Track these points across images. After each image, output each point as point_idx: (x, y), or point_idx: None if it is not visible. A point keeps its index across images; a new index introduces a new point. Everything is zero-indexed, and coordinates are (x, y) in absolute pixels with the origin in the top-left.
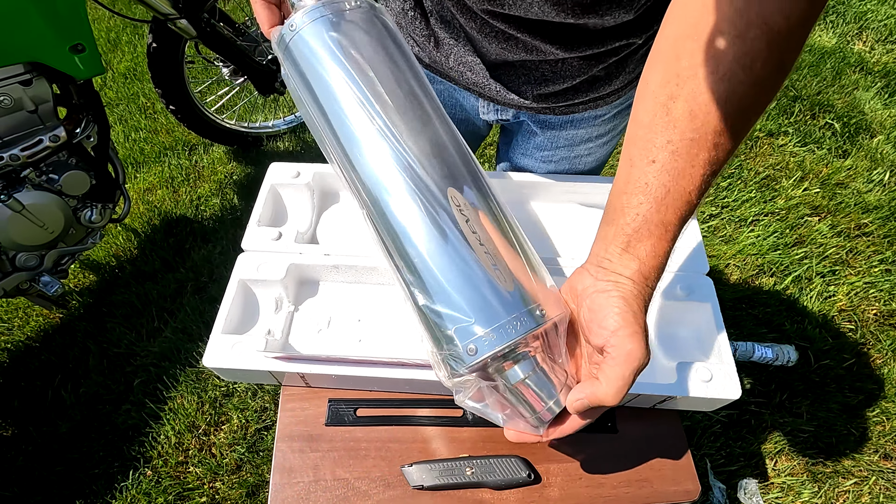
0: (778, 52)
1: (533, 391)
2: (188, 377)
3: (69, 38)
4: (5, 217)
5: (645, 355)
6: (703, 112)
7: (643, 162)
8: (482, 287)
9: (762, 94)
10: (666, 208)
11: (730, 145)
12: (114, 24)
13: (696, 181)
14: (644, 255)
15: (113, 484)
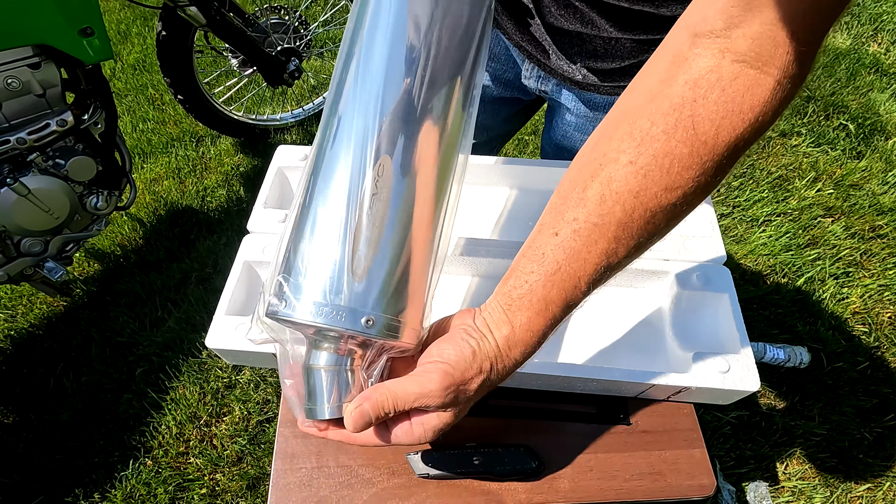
0: (699, 163)
1: (322, 385)
2: (191, 367)
3: (78, 21)
4: (11, 201)
5: (440, 405)
6: (611, 200)
7: (548, 231)
8: (334, 263)
9: (676, 199)
10: (552, 285)
11: (630, 243)
12: (124, 16)
13: (588, 268)
14: (518, 324)
15: (113, 473)
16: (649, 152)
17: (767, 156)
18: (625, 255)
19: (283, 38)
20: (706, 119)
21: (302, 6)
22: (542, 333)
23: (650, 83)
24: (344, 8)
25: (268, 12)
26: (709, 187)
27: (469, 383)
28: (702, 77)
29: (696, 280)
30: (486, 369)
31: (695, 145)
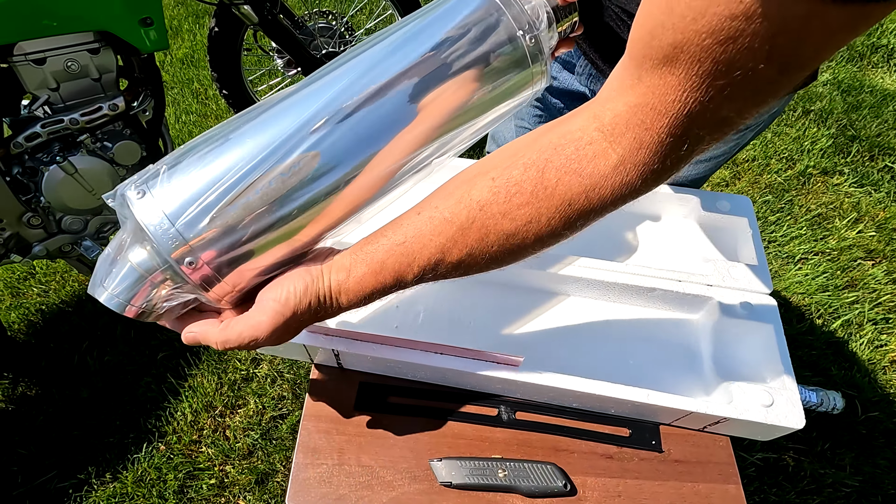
0: (535, 205)
1: (122, 274)
2: (210, 357)
3: (140, 11)
4: (58, 178)
5: (266, 337)
6: (464, 204)
7: (417, 208)
8: (207, 200)
9: (509, 229)
10: (392, 254)
11: (462, 251)
12: (176, 13)
13: (424, 254)
14: (353, 275)
15: (126, 455)
16: (506, 176)
17: (807, 192)
18: (455, 260)
19: (328, 42)
20: (554, 168)
21: (349, 13)
22: (370, 293)
23: (551, 123)
24: (388, 18)
25: (316, 16)
26: (540, 236)
27: (297, 318)
28: (571, 132)
29: (741, 309)
30: (312, 307)
31: (537, 187)
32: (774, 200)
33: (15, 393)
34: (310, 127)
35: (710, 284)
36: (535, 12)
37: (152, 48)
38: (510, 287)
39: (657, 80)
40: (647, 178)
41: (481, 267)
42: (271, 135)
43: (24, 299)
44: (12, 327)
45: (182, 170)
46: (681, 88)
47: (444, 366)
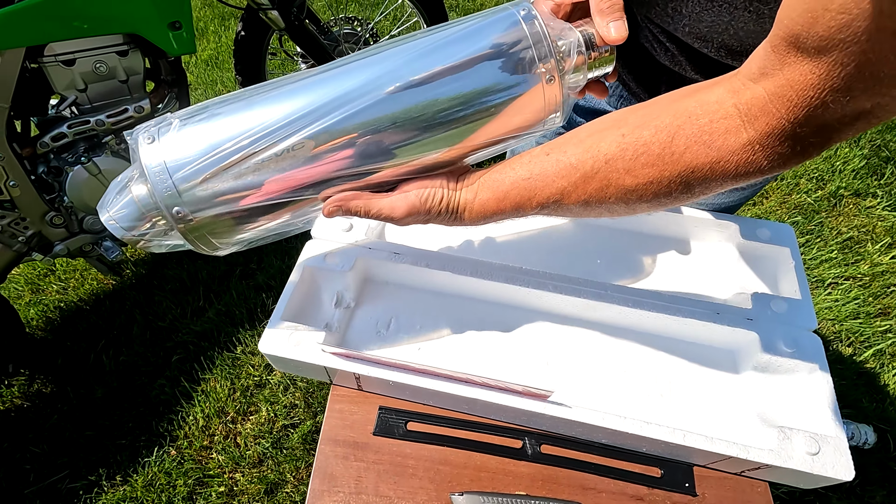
0: (659, 168)
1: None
2: (224, 361)
3: (169, 14)
4: (82, 179)
5: (398, 219)
6: (591, 153)
7: (547, 149)
8: (210, 159)
9: (630, 185)
10: (515, 186)
11: (581, 197)
12: (203, 14)
13: (544, 192)
14: (479, 198)
15: (137, 458)
16: (636, 135)
17: (838, 215)
18: (572, 203)
19: (353, 48)
20: (685, 135)
21: (375, 19)
22: (490, 215)
23: (689, 88)
24: (414, 25)
25: (341, 22)
26: (658, 196)
27: (427, 215)
28: (708, 103)
29: (783, 345)
30: (443, 213)
31: (665, 151)
32: (804, 222)
33: (31, 390)
34: (323, 112)
35: (750, 318)
36: (566, 51)
37: (180, 52)
38: (539, 312)
39: (798, 73)
40: (775, 161)
41: (594, 213)
42: (284, 110)
43: (44, 296)
44: (31, 324)
45: (193, 124)
46: (821, 84)
47: (468, 395)
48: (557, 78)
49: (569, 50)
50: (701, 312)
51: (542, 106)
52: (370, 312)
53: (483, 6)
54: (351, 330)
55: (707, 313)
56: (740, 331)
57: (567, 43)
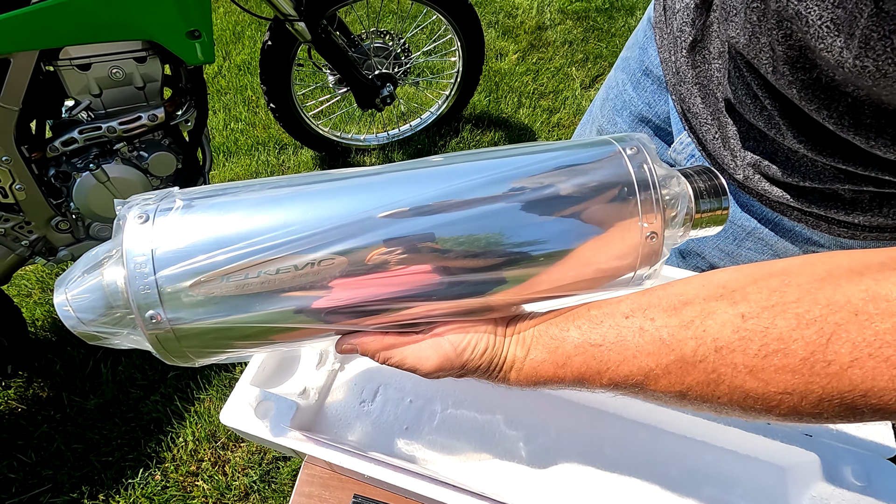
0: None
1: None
2: (221, 382)
3: (189, 23)
4: (90, 186)
5: (426, 372)
6: (693, 332)
7: (626, 309)
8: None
9: (750, 389)
10: (582, 353)
11: (675, 388)
12: (241, 19)
13: (622, 369)
14: (531, 357)
15: (121, 478)
16: (766, 322)
17: None
18: (661, 390)
19: (382, 62)
20: (849, 342)
21: (408, 34)
22: (542, 381)
23: (841, 260)
24: (450, 41)
25: (373, 36)
26: (799, 412)
27: (461, 370)
28: (888, 299)
29: (851, 475)
30: (482, 369)
31: (815, 357)
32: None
33: (27, 394)
34: (365, 225)
35: (809, 434)
36: (672, 202)
37: (198, 61)
38: (555, 399)
39: None
40: None
41: (695, 408)
42: (319, 212)
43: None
44: (36, 324)
45: (200, 210)
46: None
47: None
48: (661, 234)
49: (675, 202)
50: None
51: (633, 262)
52: (356, 378)
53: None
54: (331, 398)
55: (755, 423)
56: (795, 449)
57: (673, 194)
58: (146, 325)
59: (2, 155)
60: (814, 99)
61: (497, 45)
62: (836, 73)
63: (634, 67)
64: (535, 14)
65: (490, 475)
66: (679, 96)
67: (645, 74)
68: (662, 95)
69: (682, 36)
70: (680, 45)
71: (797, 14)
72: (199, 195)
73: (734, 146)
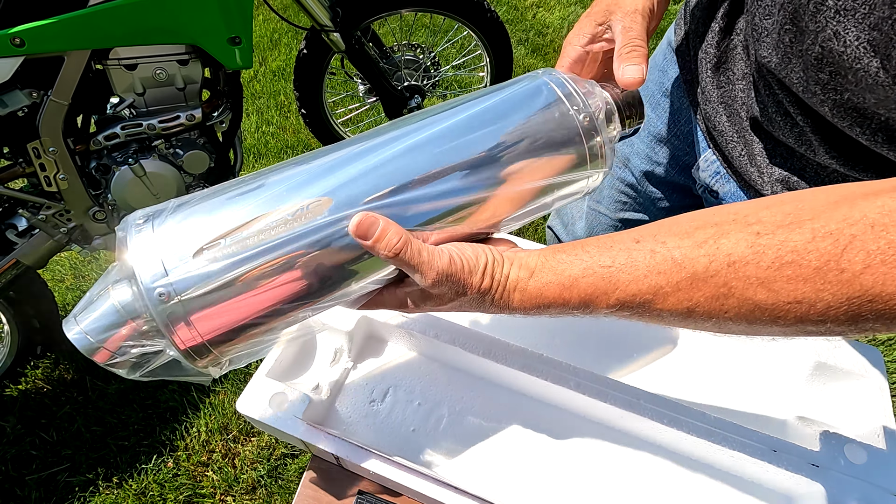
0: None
1: (97, 305)
2: (237, 375)
3: (231, 30)
4: (127, 179)
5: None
6: (706, 250)
7: (637, 235)
8: (204, 238)
9: (762, 301)
10: (589, 274)
11: (684, 304)
12: (279, 27)
13: (631, 288)
14: (537, 280)
15: (135, 463)
16: (781, 237)
17: None
18: (667, 308)
19: (412, 74)
20: (863, 251)
21: (438, 48)
22: (547, 305)
23: (853, 188)
24: (479, 56)
25: (404, 48)
26: (804, 321)
27: (463, 284)
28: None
29: None
30: (484, 287)
31: (828, 266)
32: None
33: (53, 375)
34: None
35: (816, 465)
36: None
37: (238, 66)
38: (556, 408)
39: None
40: None
41: (693, 326)
42: (286, 189)
43: (84, 282)
44: (66, 308)
45: (194, 204)
46: None
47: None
48: (594, 118)
49: (599, 105)
50: (753, 447)
51: (581, 144)
52: (367, 377)
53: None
54: (342, 395)
55: (761, 449)
56: (802, 479)
57: (595, 100)
58: (155, 305)
59: (49, 146)
60: (846, 116)
61: (526, 62)
62: (867, 96)
63: (654, 90)
64: (565, 33)
65: (493, 481)
66: (704, 115)
67: (664, 96)
68: (683, 115)
69: (706, 58)
70: (705, 67)
71: (835, 34)
72: (191, 198)
73: (761, 163)
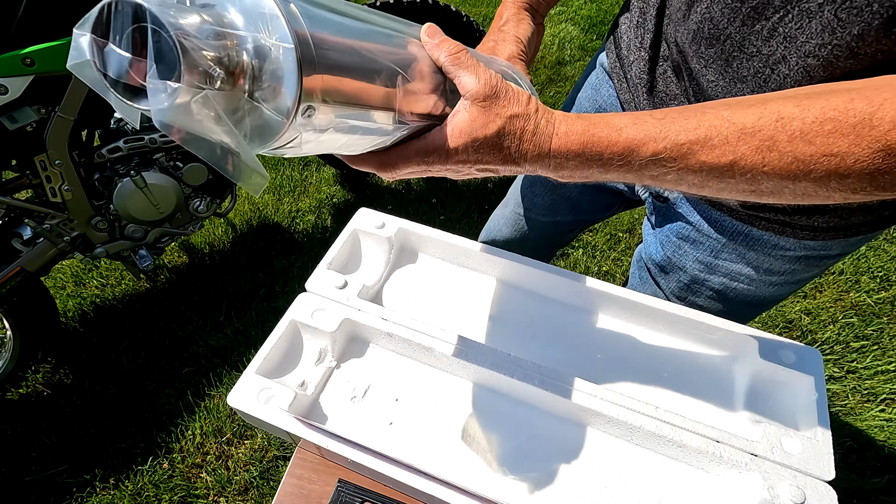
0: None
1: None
2: (232, 380)
3: None
4: (129, 190)
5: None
6: (755, 110)
7: (685, 107)
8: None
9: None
10: (638, 122)
11: (719, 157)
12: None
13: (670, 138)
14: (587, 121)
15: (132, 464)
16: (824, 99)
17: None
18: (710, 161)
19: None
20: (893, 109)
21: None
22: (589, 147)
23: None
24: None
25: None
26: (831, 174)
27: (510, 100)
28: None
29: (790, 496)
30: (531, 109)
31: (863, 122)
32: (860, 325)
33: (53, 379)
34: None
35: (755, 454)
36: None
37: None
38: (521, 403)
39: None
40: None
41: (728, 183)
42: None
43: (84, 290)
44: (67, 314)
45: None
46: None
47: (426, 491)
48: None
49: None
50: (697, 437)
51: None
52: (349, 375)
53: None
54: (326, 391)
55: (705, 440)
56: (740, 465)
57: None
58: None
59: (55, 159)
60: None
61: None
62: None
63: (587, 106)
64: (555, 50)
65: (462, 468)
66: None
67: (599, 112)
68: None
69: (640, 83)
70: (640, 90)
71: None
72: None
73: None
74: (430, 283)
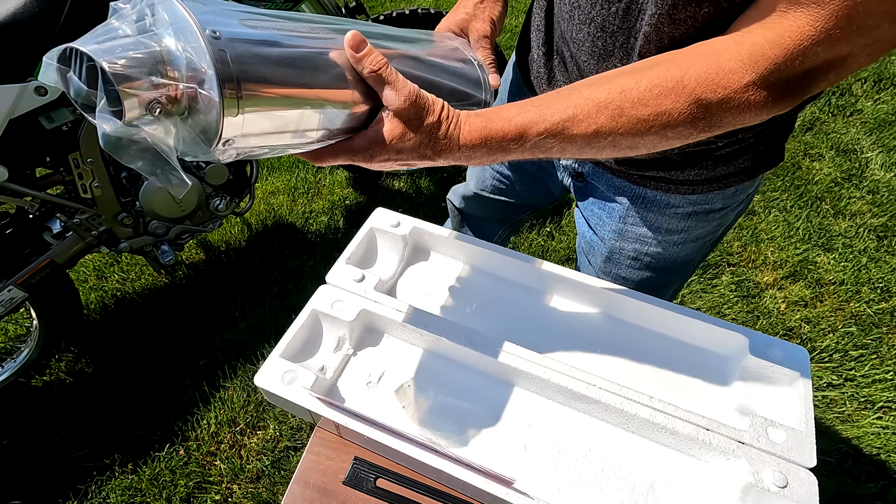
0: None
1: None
2: (245, 373)
3: None
4: (154, 188)
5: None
6: (604, 87)
7: (552, 92)
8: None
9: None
10: (521, 112)
11: (587, 129)
12: None
13: (549, 119)
14: (484, 116)
15: (149, 450)
16: (650, 72)
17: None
18: (580, 132)
19: None
20: (695, 73)
21: None
22: (490, 137)
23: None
24: None
25: None
26: (666, 129)
27: (427, 110)
28: (714, 47)
29: (772, 481)
30: (443, 116)
31: (677, 85)
32: (859, 334)
33: (75, 368)
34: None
35: (742, 442)
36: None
37: None
38: (527, 392)
39: (796, 23)
40: (768, 103)
41: (596, 148)
42: None
43: (106, 283)
44: (89, 307)
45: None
46: (815, 33)
47: (435, 465)
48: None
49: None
50: (688, 425)
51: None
52: (365, 363)
53: None
54: (343, 376)
55: (695, 427)
56: (728, 452)
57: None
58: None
59: (87, 157)
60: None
61: None
62: None
63: (503, 97)
64: None
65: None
66: None
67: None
68: None
69: (539, 77)
70: (541, 83)
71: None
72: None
73: None
74: (441, 278)
